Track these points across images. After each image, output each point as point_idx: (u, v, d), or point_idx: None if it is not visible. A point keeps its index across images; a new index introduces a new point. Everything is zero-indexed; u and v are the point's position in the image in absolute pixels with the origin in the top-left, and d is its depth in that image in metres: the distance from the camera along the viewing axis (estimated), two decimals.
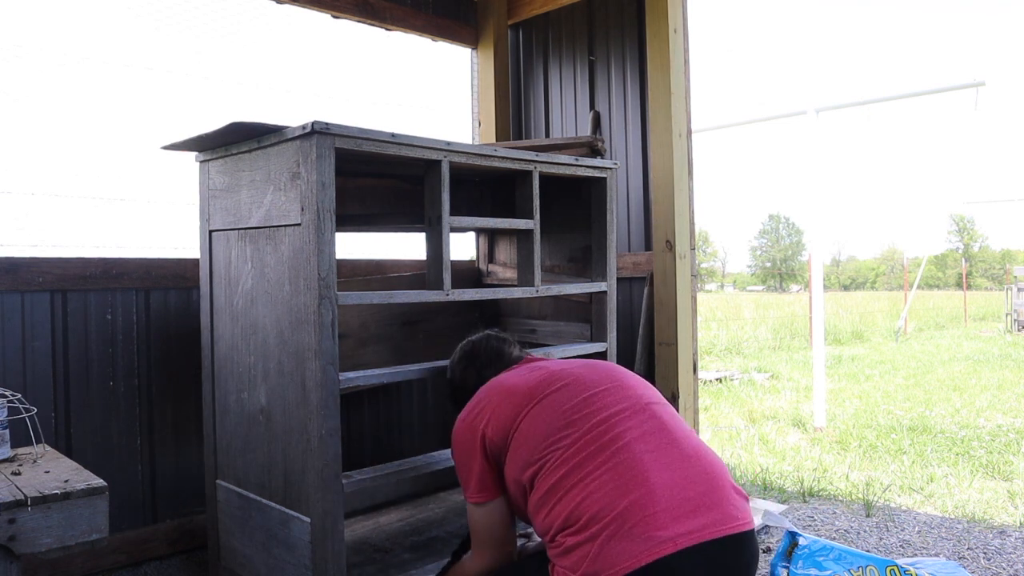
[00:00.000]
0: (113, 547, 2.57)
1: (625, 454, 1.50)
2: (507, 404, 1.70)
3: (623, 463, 1.48)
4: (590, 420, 1.59)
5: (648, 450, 1.51)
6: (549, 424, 1.61)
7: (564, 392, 1.68)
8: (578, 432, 1.57)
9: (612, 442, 1.53)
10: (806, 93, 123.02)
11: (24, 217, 2.69)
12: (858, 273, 74.61)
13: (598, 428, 1.57)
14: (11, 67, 2.67)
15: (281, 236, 1.99)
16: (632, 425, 1.57)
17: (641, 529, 1.38)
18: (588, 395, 1.66)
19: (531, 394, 1.69)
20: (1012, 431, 5.30)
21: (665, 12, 3.16)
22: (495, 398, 1.74)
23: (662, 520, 1.39)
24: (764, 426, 5.66)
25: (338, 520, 1.90)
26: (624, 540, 1.38)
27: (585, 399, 1.65)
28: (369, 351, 2.98)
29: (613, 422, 1.58)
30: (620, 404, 1.63)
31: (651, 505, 1.41)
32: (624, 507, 1.41)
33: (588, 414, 1.61)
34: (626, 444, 1.52)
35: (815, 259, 6.52)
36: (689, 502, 1.43)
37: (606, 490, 1.45)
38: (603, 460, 1.50)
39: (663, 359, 3.22)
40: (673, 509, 1.41)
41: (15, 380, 2.39)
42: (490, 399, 1.75)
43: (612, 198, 2.70)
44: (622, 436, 1.54)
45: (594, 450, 1.53)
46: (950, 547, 2.88)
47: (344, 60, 3.64)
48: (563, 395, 1.67)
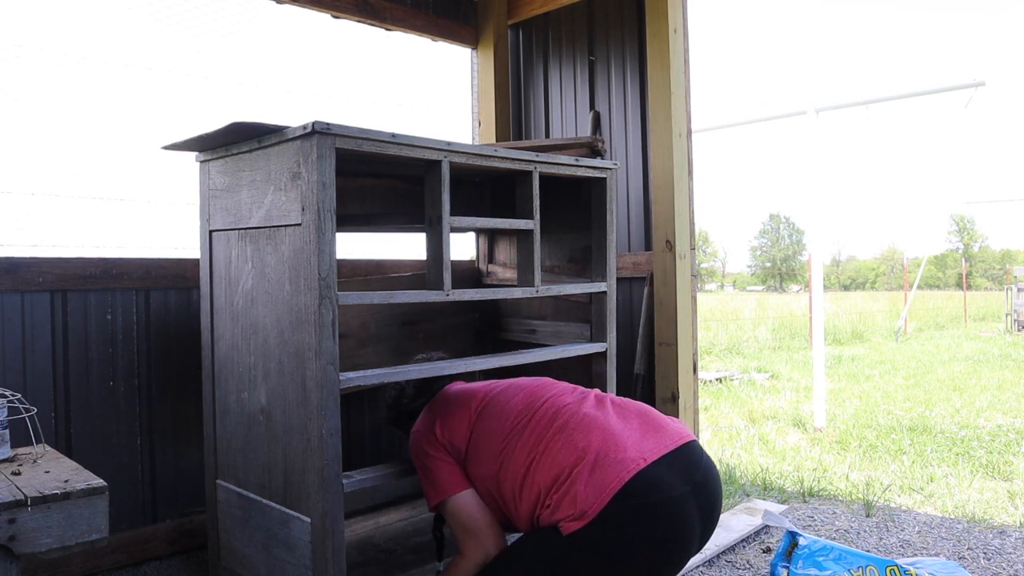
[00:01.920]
0: (113, 547, 2.57)
1: (580, 418, 1.75)
2: (460, 408, 1.93)
3: (580, 423, 1.73)
4: (544, 405, 1.83)
5: (594, 408, 1.80)
6: (507, 415, 1.83)
7: (511, 389, 1.93)
8: (538, 415, 1.80)
9: (568, 414, 1.77)
10: (806, 93, 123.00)
11: (24, 217, 2.69)
12: (858, 273, 74.61)
13: (553, 408, 1.81)
14: (11, 67, 2.67)
15: (281, 236, 1.99)
16: (581, 401, 1.83)
17: (613, 456, 1.62)
18: (535, 387, 1.92)
19: (481, 394, 1.94)
20: (1012, 431, 5.31)
21: (665, 12, 3.16)
22: (447, 406, 1.96)
23: (626, 446, 1.65)
24: (764, 426, 5.66)
25: (338, 520, 1.90)
26: (601, 470, 1.61)
27: (533, 390, 1.90)
28: (369, 351, 2.98)
29: (564, 403, 1.83)
30: (566, 392, 1.89)
31: (613, 439, 1.67)
32: (592, 447, 1.65)
33: (542, 400, 1.85)
34: (581, 412, 1.77)
35: (815, 259, 6.52)
36: (640, 430, 1.72)
37: (573, 443, 1.68)
38: (562, 426, 1.74)
39: (663, 359, 3.22)
40: (631, 437, 1.69)
41: (15, 380, 2.39)
42: (443, 407, 1.97)
43: (612, 198, 2.70)
44: (575, 410, 1.78)
45: (555, 424, 1.76)
46: (950, 547, 2.88)
47: (344, 60, 3.64)
48: (511, 391, 1.92)
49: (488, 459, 1.79)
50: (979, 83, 5.74)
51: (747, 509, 3.20)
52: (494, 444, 1.80)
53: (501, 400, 1.90)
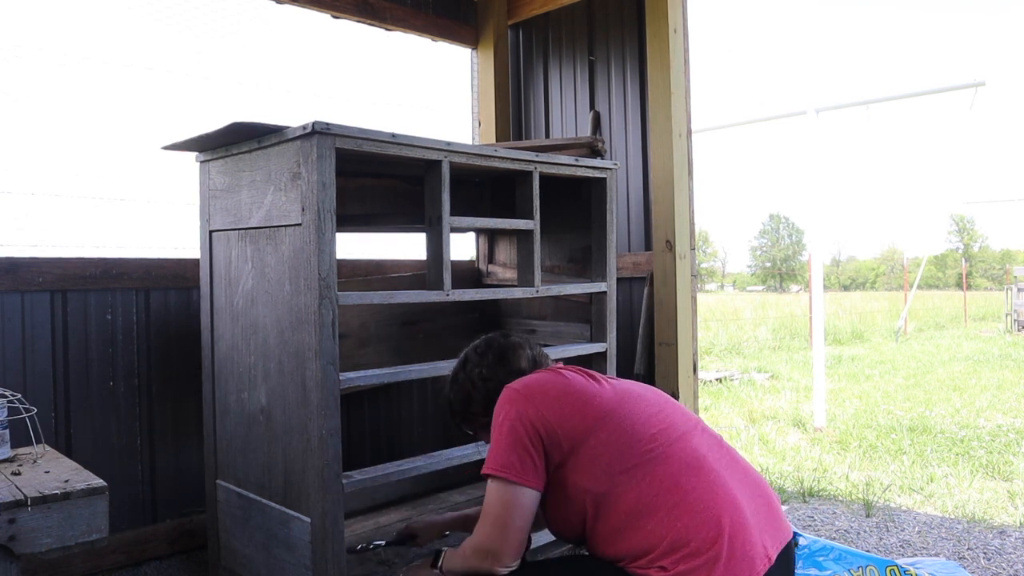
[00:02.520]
0: (113, 547, 2.57)
1: (710, 473, 1.57)
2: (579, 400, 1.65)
3: (713, 481, 1.55)
4: (667, 434, 1.62)
5: (723, 467, 1.61)
6: (631, 435, 1.60)
7: (632, 405, 1.67)
8: (662, 448, 1.59)
9: (695, 459, 1.58)
10: (806, 93, 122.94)
11: (24, 217, 2.69)
12: (858, 273, 74.60)
13: (676, 442, 1.61)
14: (11, 67, 2.67)
15: (282, 236, 1.99)
16: (699, 441, 1.64)
17: (741, 548, 1.48)
18: (655, 410, 1.68)
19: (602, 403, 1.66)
20: (1012, 431, 5.30)
21: (665, 12, 3.16)
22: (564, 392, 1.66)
23: (753, 536, 1.51)
24: (764, 426, 5.66)
25: (338, 520, 1.90)
26: (734, 563, 1.46)
27: (655, 414, 1.67)
28: (369, 351, 2.98)
29: (685, 436, 1.63)
30: (683, 420, 1.69)
31: (742, 522, 1.51)
32: (726, 528, 1.49)
33: (664, 428, 1.63)
34: (707, 462, 1.59)
35: (815, 259, 6.52)
36: (762, 515, 1.57)
37: (709, 512, 1.50)
38: (693, 477, 1.55)
39: (663, 359, 3.22)
40: (754, 518, 1.54)
41: (15, 380, 2.39)
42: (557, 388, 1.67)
43: (612, 198, 2.70)
44: (701, 453, 1.60)
45: (682, 465, 1.56)
46: (950, 547, 2.88)
47: (344, 60, 3.64)
48: (633, 407, 1.66)
49: (600, 474, 1.57)
50: (979, 83, 5.74)
51: None
52: (614, 462, 1.57)
53: (631, 414, 1.65)
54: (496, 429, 1.64)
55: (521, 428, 1.60)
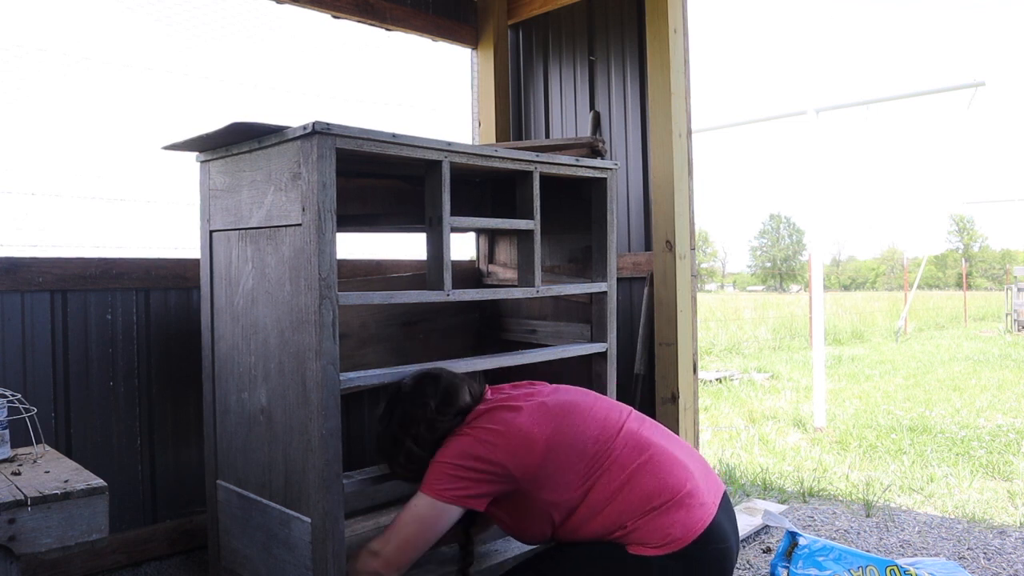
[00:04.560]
0: (113, 547, 2.57)
1: (654, 447, 1.82)
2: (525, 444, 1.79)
3: (659, 452, 1.81)
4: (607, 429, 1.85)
5: (662, 439, 1.87)
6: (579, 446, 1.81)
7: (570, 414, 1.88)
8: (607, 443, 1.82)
9: (636, 440, 1.84)
10: (806, 93, 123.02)
11: (24, 217, 2.69)
12: (858, 273, 74.59)
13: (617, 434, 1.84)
14: (11, 67, 2.67)
15: (282, 236, 1.99)
16: (634, 424, 1.90)
17: (697, 498, 1.75)
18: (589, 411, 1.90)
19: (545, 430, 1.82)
20: (1012, 431, 5.31)
21: (665, 12, 3.16)
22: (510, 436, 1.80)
23: (702, 489, 1.78)
24: (764, 426, 5.66)
25: (339, 520, 1.90)
26: (687, 509, 1.72)
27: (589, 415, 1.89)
28: (369, 351, 2.98)
29: (623, 425, 1.88)
30: (612, 410, 1.93)
31: (693, 479, 1.78)
32: (683, 485, 1.75)
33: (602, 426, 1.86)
34: (647, 439, 1.85)
35: (815, 259, 6.52)
36: (701, 473, 1.84)
37: (663, 479, 1.76)
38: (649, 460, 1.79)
39: (663, 359, 3.22)
40: (701, 478, 1.81)
41: (15, 380, 2.39)
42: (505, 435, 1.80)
43: (612, 198, 2.70)
44: (639, 434, 1.86)
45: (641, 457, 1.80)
46: (950, 547, 2.88)
47: (344, 60, 3.64)
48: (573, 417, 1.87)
49: (568, 488, 1.77)
50: (979, 83, 5.74)
51: (747, 509, 3.20)
52: (575, 475, 1.78)
53: (572, 427, 1.83)
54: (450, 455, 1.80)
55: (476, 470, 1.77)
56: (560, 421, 1.84)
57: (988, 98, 62.47)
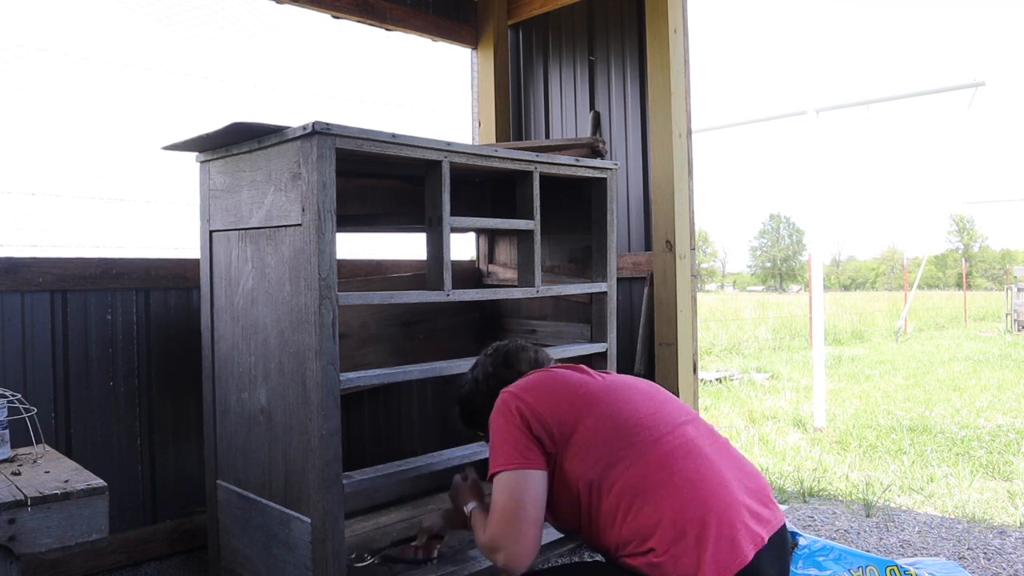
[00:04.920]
0: (113, 547, 2.57)
1: (703, 458, 1.59)
2: (567, 389, 1.70)
3: (705, 466, 1.57)
4: (659, 422, 1.65)
5: (715, 453, 1.63)
6: (620, 422, 1.63)
7: (623, 393, 1.72)
8: (653, 433, 1.62)
9: (687, 445, 1.61)
10: (806, 93, 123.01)
11: (24, 217, 2.69)
12: (858, 273, 74.59)
13: (670, 431, 1.63)
14: (11, 67, 2.67)
15: (282, 236, 1.99)
16: (693, 430, 1.67)
17: (729, 531, 1.49)
18: (647, 400, 1.72)
19: (592, 390, 1.71)
20: (1012, 431, 5.30)
21: (665, 12, 3.16)
22: (550, 382, 1.73)
23: (744, 521, 1.52)
24: (764, 426, 5.66)
25: (338, 520, 1.90)
26: (720, 544, 1.47)
27: (646, 402, 1.71)
28: (369, 351, 2.98)
29: (680, 425, 1.66)
30: (675, 412, 1.72)
31: (733, 505, 1.53)
32: (715, 511, 1.50)
33: (655, 416, 1.67)
34: (700, 448, 1.61)
35: (815, 259, 6.52)
36: (756, 501, 1.59)
37: (698, 495, 1.52)
38: (685, 461, 1.57)
39: (663, 359, 3.22)
40: (750, 509, 1.55)
41: (15, 380, 2.39)
42: (546, 384, 1.73)
43: (612, 198, 2.70)
44: (692, 441, 1.63)
45: (672, 450, 1.59)
46: (950, 547, 2.87)
47: (344, 60, 3.64)
48: (624, 396, 1.71)
49: (592, 461, 1.59)
50: (979, 83, 5.74)
51: None
52: (604, 447, 1.59)
53: (620, 401, 1.69)
54: (493, 433, 1.69)
55: (515, 424, 1.65)
56: (613, 387, 1.72)
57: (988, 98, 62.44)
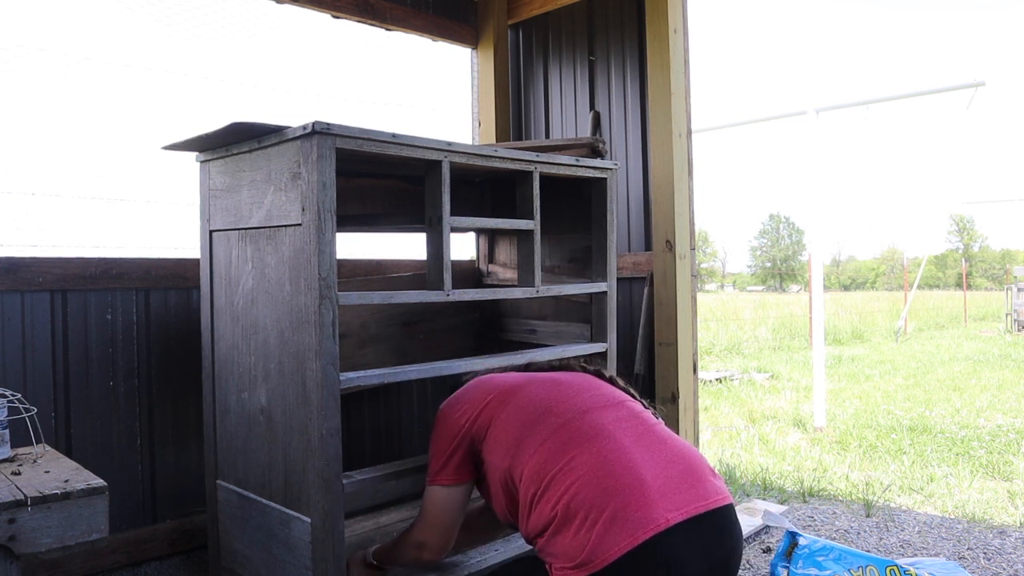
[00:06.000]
0: (113, 547, 2.57)
1: (607, 441, 1.57)
2: (486, 394, 1.85)
3: (607, 448, 1.55)
4: (568, 408, 1.69)
5: (628, 436, 1.60)
6: (529, 411, 1.72)
7: (540, 385, 1.81)
8: (559, 419, 1.66)
9: (593, 429, 1.61)
10: (806, 93, 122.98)
11: (24, 217, 2.69)
12: (858, 273, 74.56)
13: (578, 416, 1.65)
14: (11, 67, 2.67)
15: (282, 236, 1.99)
16: (608, 415, 1.67)
17: (634, 511, 1.44)
18: (564, 388, 1.79)
19: (510, 385, 1.84)
20: (1012, 431, 5.30)
21: (665, 12, 3.16)
22: (476, 390, 1.89)
23: (653, 500, 1.46)
24: (764, 426, 5.66)
25: (338, 520, 1.90)
26: (619, 524, 1.43)
27: (561, 390, 1.77)
28: (369, 351, 2.98)
29: (591, 411, 1.67)
30: (595, 398, 1.74)
31: (640, 488, 1.47)
32: (617, 493, 1.47)
33: (566, 403, 1.71)
34: (607, 431, 1.60)
35: (815, 259, 6.52)
36: (672, 481, 1.51)
37: (595, 476, 1.50)
38: (588, 446, 1.57)
39: (663, 359, 3.22)
40: (660, 489, 1.48)
41: (15, 380, 2.39)
42: (473, 389, 1.90)
43: (612, 198, 2.70)
44: (602, 424, 1.62)
45: (576, 435, 1.60)
46: (950, 547, 2.88)
47: (344, 60, 3.64)
48: (540, 387, 1.80)
49: (503, 450, 1.68)
50: (979, 83, 5.75)
51: (747, 509, 3.21)
52: (511, 437, 1.68)
53: (531, 391, 1.78)
54: (431, 443, 1.89)
55: (447, 436, 1.83)
56: (528, 382, 1.84)
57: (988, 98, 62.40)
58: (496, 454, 1.71)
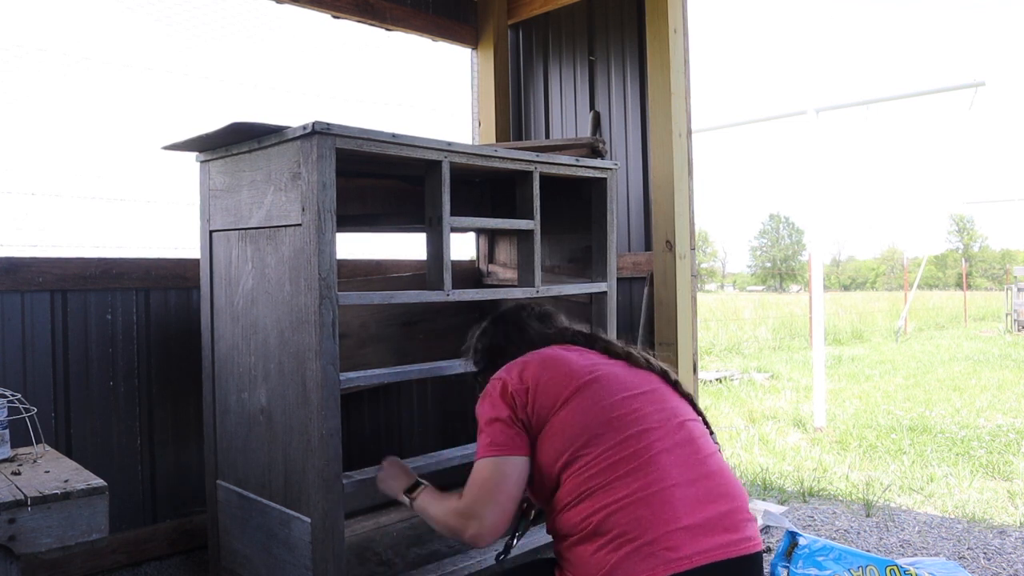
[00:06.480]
0: (113, 547, 2.57)
1: (657, 473, 1.50)
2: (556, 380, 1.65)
3: (655, 481, 1.49)
4: (629, 423, 1.58)
5: (676, 466, 1.53)
6: (592, 414, 1.58)
7: (606, 387, 1.64)
8: (618, 435, 1.56)
9: (647, 458, 1.53)
10: (806, 93, 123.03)
11: (24, 217, 2.69)
12: (858, 273, 74.58)
13: (635, 437, 1.56)
14: (11, 67, 2.67)
15: (282, 236, 1.99)
16: (664, 438, 1.57)
17: (660, 548, 1.40)
18: (629, 397, 1.63)
19: (583, 376, 1.65)
20: (1012, 431, 5.30)
21: (665, 12, 3.16)
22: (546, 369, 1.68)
23: (682, 538, 1.42)
24: (764, 426, 5.66)
25: (338, 520, 1.90)
26: (643, 555, 1.40)
27: (625, 399, 1.62)
28: (369, 351, 2.98)
29: (650, 432, 1.57)
30: (658, 415, 1.62)
31: (675, 528, 1.43)
32: (650, 528, 1.43)
33: (628, 416, 1.59)
34: (660, 464, 1.52)
35: (815, 259, 6.52)
36: (709, 522, 1.46)
37: (634, 505, 1.46)
38: (636, 473, 1.50)
39: (663, 359, 3.21)
40: (694, 530, 1.44)
41: (15, 380, 2.39)
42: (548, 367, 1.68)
43: (612, 198, 2.70)
44: (657, 454, 1.54)
45: (628, 457, 1.53)
46: (950, 547, 2.87)
47: (344, 60, 3.64)
48: (606, 390, 1.63)
49: (554, 454, 1.57)
50: (979, 83, 5.75)
51: None
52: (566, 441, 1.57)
53: (598, 391, 1.63)
54: (480, 416, 1.66)
55: (502, 409, 1.62)
56: (595, 379, 1.64)
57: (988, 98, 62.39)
58: (550, 451, 1.58)
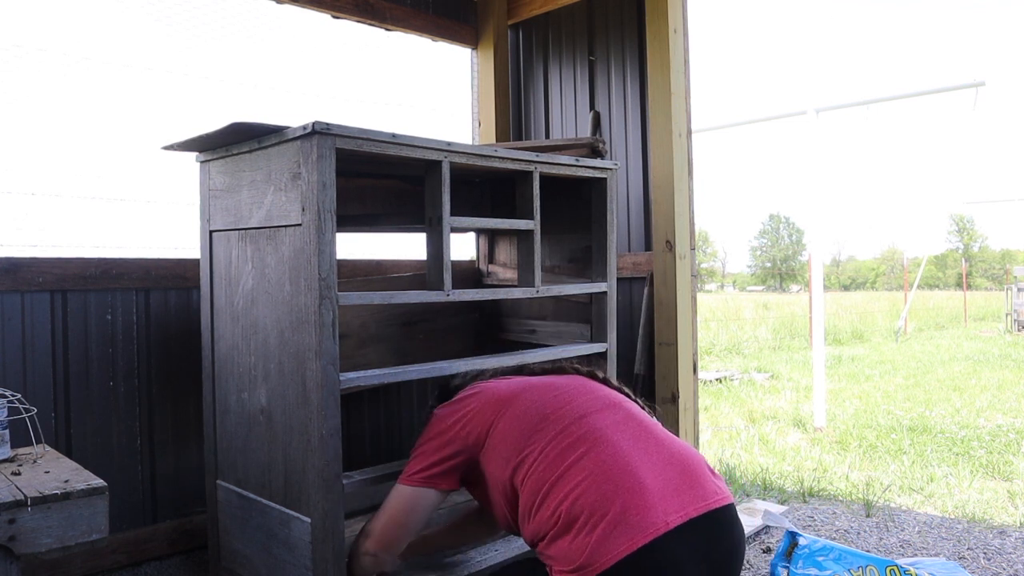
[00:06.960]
0: (113, 547, 2.57)
1: (605, 445, 1.57)
2: (483, 404, 1.82)
3: (606, 453, 1.56)
4: (566, 414, 1.68)
5: (625, 439, 1.60)
6: (526, 419, 1.71)
7: (537, 392, 1.80)
8: (556, 427, 1.66)
9: (591, 434, 1.61)
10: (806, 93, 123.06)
11: (24, 217, 2.69)
12: (858, 273, 74.56)
13: (575, 422, 1.65)
14: (11, 67, 2.67)
15: (282, 236, 1.99)
16: (605, 418, 1.66)
17: (633, 515, 1.44)
18: (560, 394, 1.77)
19: (507, 393, 1.82)
20: (1012, 431, 5.31)
21: (665, 12, 3.16)
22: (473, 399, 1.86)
23: (652, 505, 1.46)
24: (764, 426, 5.66)
25: (338, 520, 1.90)
26: (619, 529, 1.43)
27: (557, 396, 1.76)
28: (369, 351, 2.98)
29: (588, 416, 1.67)
30: (591, 402, 1.73)
31: (639, 492, 1.47)
32: (616, 497, 1.47)
33: (563, 409, 1.70)
34: (605, 436, 1.60)
35: (815, 259, 6.52)
36: (671, 483, 1.51)
37: (594, 481, 1.51)
38: (586, 451, 1.57)
39: (663, 359, 3.22)
40: (659, 491, 1.49)
41: (15, 380, 2.39)
42: (470, 398, 1.87)
43: (612, 198, 2.70)
44: (600, 429, 1.62)
45: (574, 441, 1.60)
46: (950, 547, 2.88)
47: (344, 60, 3.64)
48: (536, 394, 1.78)
49: (502, 461, 1.68)
50: (979, 83, 5.75)
51: (747, 509, 3.21)
52: (511, 447, 1.67)
53: (528, 398, 1.77)
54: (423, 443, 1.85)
55: (435, 439, 1.81)
56: (524, 389, 1.80)
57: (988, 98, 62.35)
58: (495, 464, 1.71)
